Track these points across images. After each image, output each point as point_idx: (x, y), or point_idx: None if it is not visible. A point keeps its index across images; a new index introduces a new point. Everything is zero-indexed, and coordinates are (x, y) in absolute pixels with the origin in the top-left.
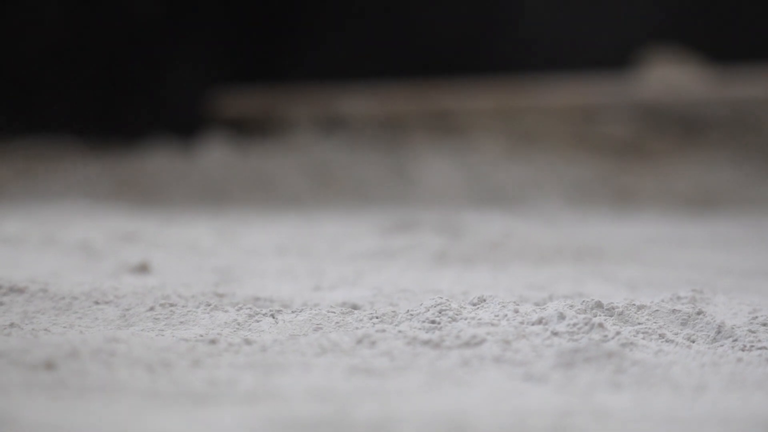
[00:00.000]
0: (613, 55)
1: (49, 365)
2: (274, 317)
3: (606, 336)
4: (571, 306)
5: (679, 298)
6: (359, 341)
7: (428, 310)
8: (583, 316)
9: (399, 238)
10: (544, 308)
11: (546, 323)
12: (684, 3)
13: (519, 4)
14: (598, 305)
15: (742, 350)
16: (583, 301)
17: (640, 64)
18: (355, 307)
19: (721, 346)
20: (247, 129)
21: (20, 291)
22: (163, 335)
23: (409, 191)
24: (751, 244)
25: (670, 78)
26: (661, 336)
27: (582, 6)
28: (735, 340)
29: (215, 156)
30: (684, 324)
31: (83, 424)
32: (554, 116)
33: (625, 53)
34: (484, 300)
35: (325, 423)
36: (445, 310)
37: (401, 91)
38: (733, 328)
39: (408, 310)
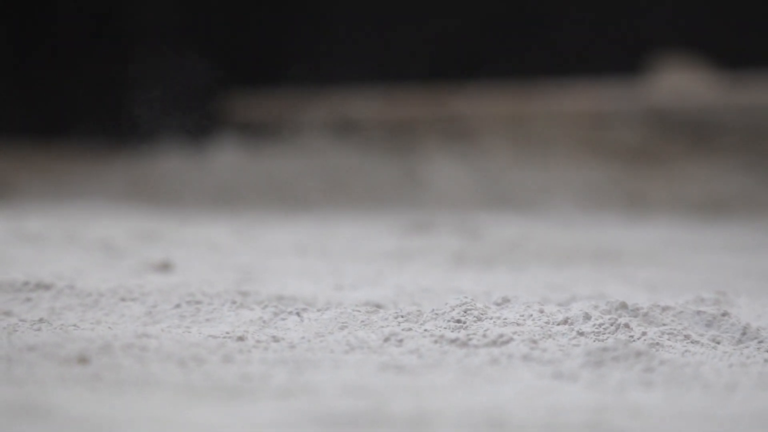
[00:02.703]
0: (624, 61)
1: (83, 359)
2: (299, 315)
3: (632, 336)
4: (596, 306)
5: (702, 299)
6: (387, 339)
7: (453, 310)
8: (608, 316)
9: (416, 239)
10: (568, 309)
11: (572, 323)
12: (695, 9)
13: (530, 9)
14: (623, 306)
15: None
16: (608, 302)
17: (651, 69)
18: (378, 306)
19: (747, 347)
20: (259, 132)
21: (47, 287)
22: (190, 332)
23: (421, 195)
24: (765, 248)
25: (680, 84)
26: (687, 337)
27: (593, 12)
28: (761, 342)
29: (227, 159)
30: (709, 325)
31: (122, 416)
32: (565, 121)
33: (636, 59)
34: (508, 300)
35: (363, 417)
36: (470, 309)
37: (413, 96)
38: (758, 330)
39: (433, 310)
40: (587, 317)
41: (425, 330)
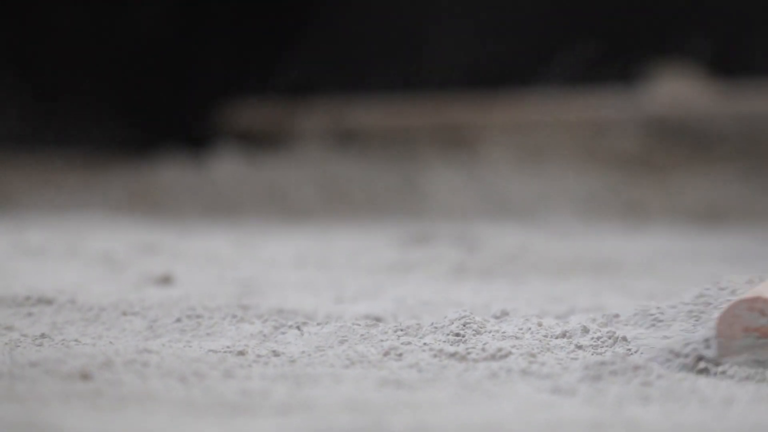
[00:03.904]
0: (622, 69)
1: (85, 375)
2: (299, 329)
3: (630, 349)
4: (594, 319)
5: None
6: (386, 353)
7: (452, 323)
8: (606, 329)
9: (416, 251)
10: (566, 321)
11: (570, 336)
12: (692, 17)
13: (528, 19)
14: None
15: None
16: (605, 315)
17: (649, 78)
18: (378, 319)
19: None
20: (259, 141)
21: (48, 302)
22: (191, 346)
23: (421, 204)
24: (764, 258)
25: (678, 92)
26: None
27: (590, 21)
28: None
29: (227, 168)
30: None
31: None
32: (563, 130)
33: (634, 68)
34: (507, 313)
35: None
36: (469, 323)
37: (412, 105)
38: None
39: (432, 323)
40: (585, 330)
41: (424, 344)
